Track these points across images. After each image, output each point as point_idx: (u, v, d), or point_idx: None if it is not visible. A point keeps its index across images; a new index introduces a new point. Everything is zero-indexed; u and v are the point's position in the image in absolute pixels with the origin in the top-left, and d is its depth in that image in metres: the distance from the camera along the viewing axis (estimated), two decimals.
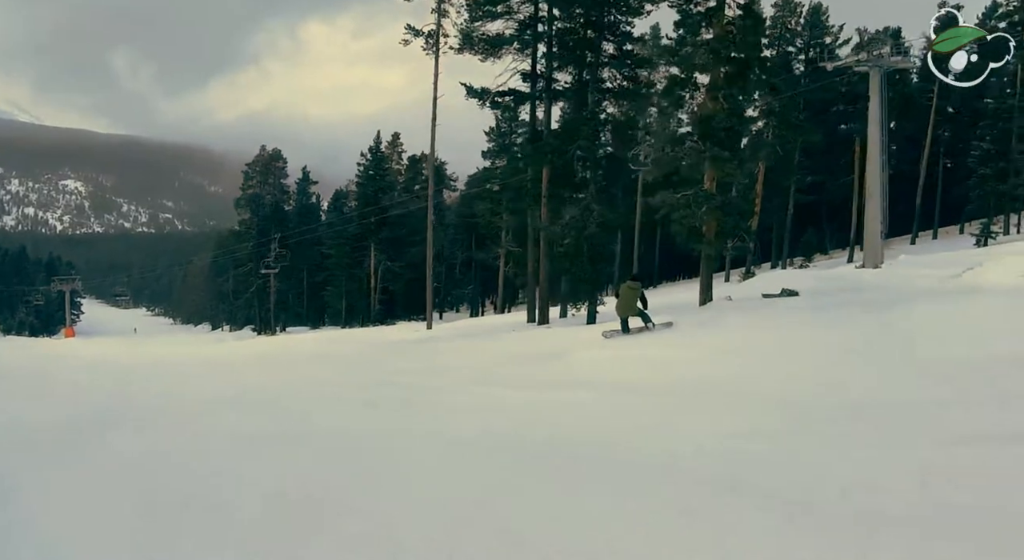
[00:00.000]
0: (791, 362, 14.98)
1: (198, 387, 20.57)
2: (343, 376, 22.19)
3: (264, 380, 22.21)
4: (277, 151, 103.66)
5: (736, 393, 12.67)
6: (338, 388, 18.06)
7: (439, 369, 21.92)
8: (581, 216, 36.50)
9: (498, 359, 22.58)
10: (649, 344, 19.53)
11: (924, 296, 20.61)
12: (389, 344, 41.61)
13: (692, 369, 15.31)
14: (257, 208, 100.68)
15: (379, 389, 17.13)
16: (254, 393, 17.83)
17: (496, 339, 32.94)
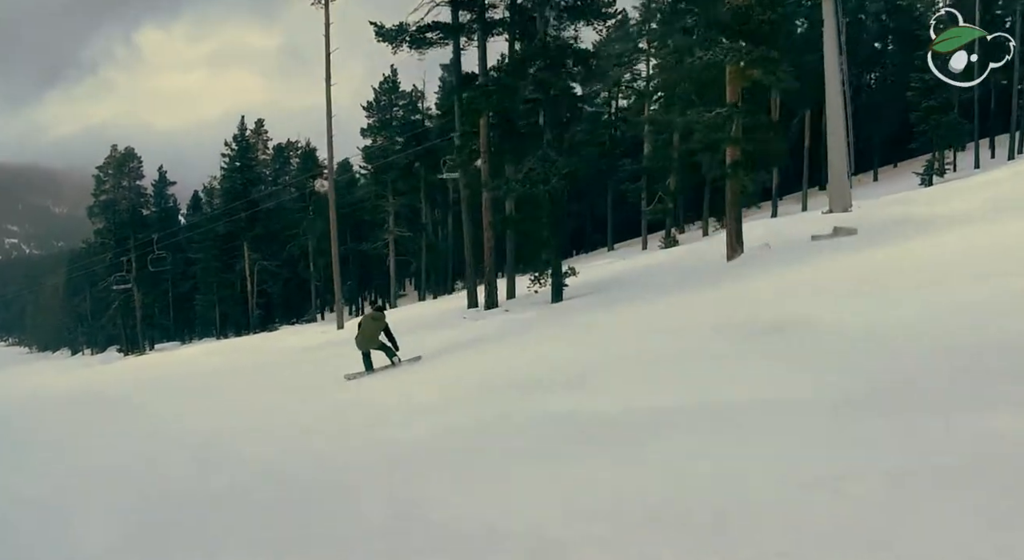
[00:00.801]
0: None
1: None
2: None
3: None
4: (130, 150, 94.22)
5: None
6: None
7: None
8: (542, 168, 29.88)
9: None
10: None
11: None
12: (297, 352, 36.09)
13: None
14: (113, 214, 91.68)
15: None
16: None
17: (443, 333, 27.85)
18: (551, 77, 31.11)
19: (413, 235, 75.75)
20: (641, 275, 33.89)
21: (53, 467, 12.83)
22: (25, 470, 13.14)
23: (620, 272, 37.62)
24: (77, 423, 19.42)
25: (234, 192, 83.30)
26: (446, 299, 62.13)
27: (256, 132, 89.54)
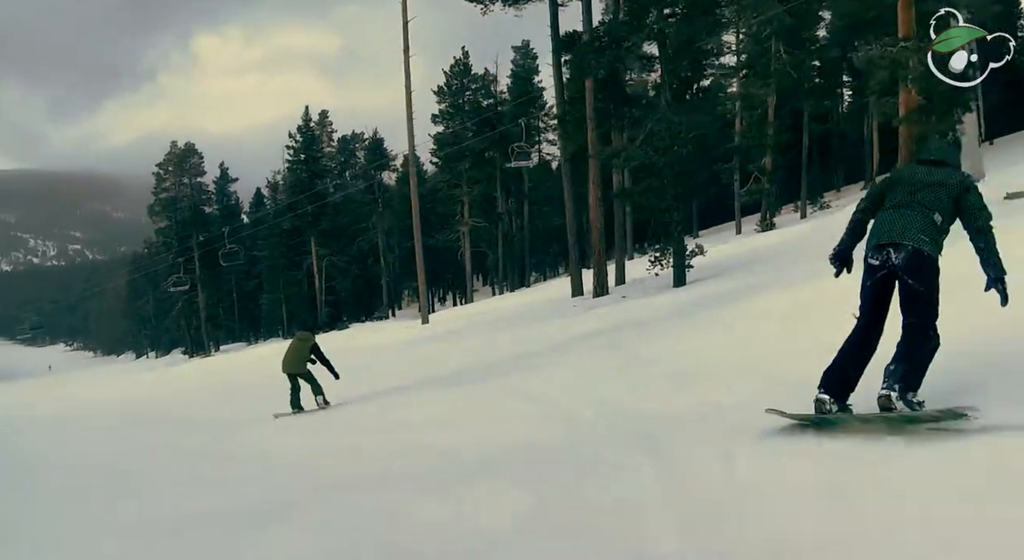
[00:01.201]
0: None
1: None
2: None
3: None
4: (191, 145, 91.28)
5: None
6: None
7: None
8: (666, 131, 26.13)
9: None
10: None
11: None
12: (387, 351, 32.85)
13: None
14: (174, 212, 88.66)
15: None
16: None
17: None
18: (672, 26, 27.22)
19: (489, 225, 72.28)
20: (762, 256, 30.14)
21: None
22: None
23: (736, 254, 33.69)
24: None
25: (299, 185, 79.73)
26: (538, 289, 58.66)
27: (320, 124, 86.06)
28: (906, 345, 6.84)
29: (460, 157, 69.80)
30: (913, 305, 6.86)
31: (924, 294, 6.81)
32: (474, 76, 74.75)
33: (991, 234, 6.84)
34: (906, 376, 6.68)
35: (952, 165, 7.37)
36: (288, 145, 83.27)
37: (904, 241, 6.81)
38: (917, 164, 7.51)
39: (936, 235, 6.91)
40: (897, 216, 6.99)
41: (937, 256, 6.86)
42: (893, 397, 6.59)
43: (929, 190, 6.99)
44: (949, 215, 6.97)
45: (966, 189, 6.96)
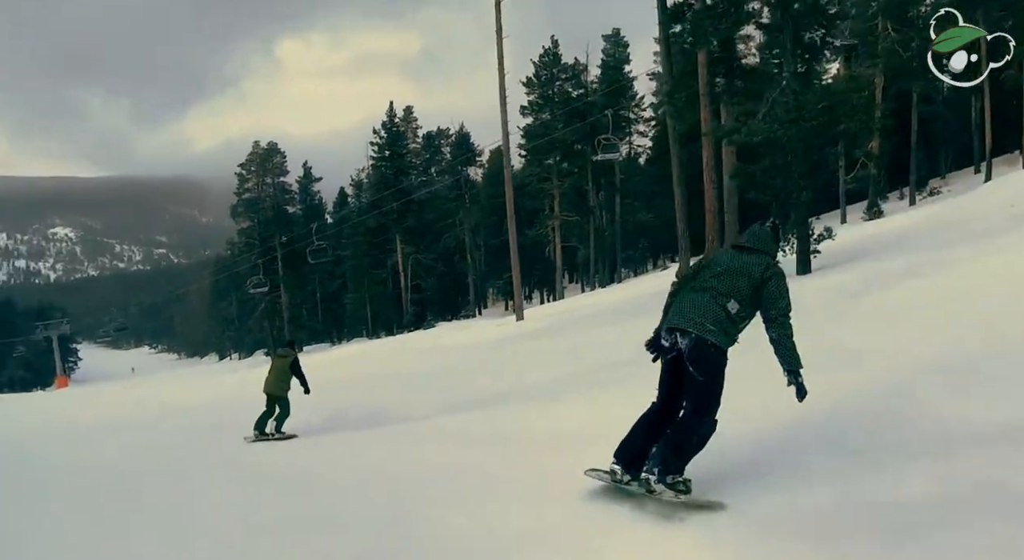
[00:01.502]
0: None
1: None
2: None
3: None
4: (273, 145, 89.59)
5: None
6: None
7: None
8: (793, 102, 23.89)
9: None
10: None
11: None
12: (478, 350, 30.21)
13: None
14: (257, 213, 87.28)
15: None
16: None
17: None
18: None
19: (580, 219, 69.95)
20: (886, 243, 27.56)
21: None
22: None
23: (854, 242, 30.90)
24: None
25: (384, 182, 78.00)
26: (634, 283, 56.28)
27: (405, 120, 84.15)
28: (675, 430, 6.90)
29: (550, 150, 67.68)
30: (691, 392, 6.87)
31: (702, 383, 6.76)
32: (564, 66, 72.44)
33: (785, 326, 6.84)
34: (666, 460, 6.73)
35: (763, 252, 7.22)
36: (372, 142, 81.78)
37: (689, 328, 6.79)
38: (731, 248, 7.46)
39: (727, 324, 6.86)
40: (691, 300, 6.97)
41: (725, 345, 6.81)
42: (652, 481, 6.72)
43: (729, 276, 6.94)
44: (749, 303, 6.91)
45: (768, 278, 6.87)
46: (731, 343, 6.88)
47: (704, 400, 6.77)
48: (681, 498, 6.67)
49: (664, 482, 6.64)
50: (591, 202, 71.83)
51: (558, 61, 71.99)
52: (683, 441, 6.83)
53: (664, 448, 6.79)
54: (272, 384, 17.08)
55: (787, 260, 27.68)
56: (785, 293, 6.90)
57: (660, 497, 6.69)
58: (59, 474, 14.01)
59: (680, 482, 6.70)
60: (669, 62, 34.10)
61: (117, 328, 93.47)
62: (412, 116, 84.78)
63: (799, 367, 6.76)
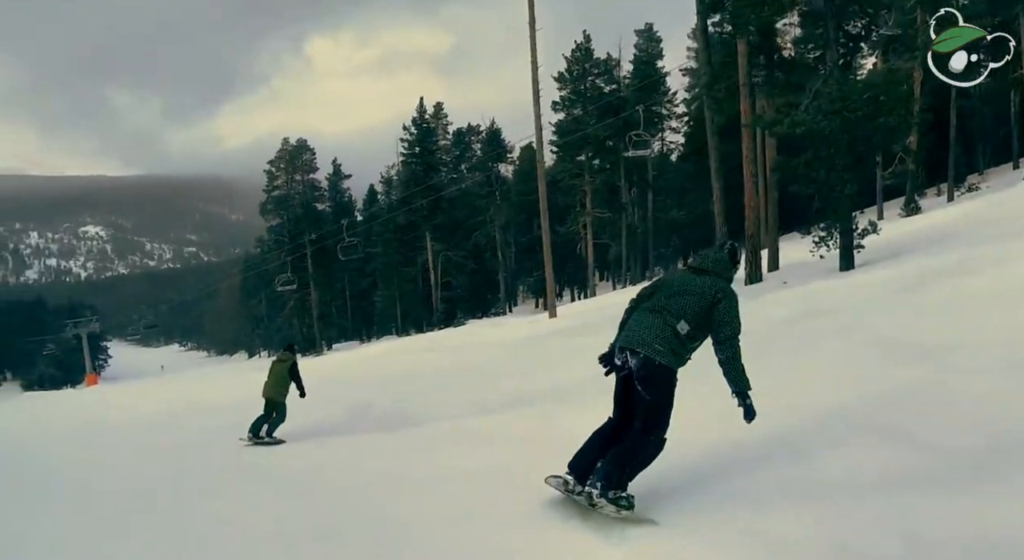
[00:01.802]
0: None
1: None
2: None
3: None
4: (303, 141, 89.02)
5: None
6: None
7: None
8: (838, 92, 23.40)
9: None
10: None
11: None
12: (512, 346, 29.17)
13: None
14: (286, 210, 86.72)
15: None
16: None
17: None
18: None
19: (612, 216, 69.18)
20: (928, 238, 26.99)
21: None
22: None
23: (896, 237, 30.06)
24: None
25: (414, 178, 77.44)
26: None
27: (435, 116, 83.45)
28: (621, 446, 6.94)
29: (582, 146, 66.84)
30: (640, 411, 6.93)
31: (650, 403, 6.85)
32: (596, 61, 71.52)
33: (734, 348, 6.85)
34: (609, 475, 6.75)
35: (717, 274, 7.28)
36: (402, 138, 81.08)
37: (638, 348, 6.84)
38: (687, 269, 7.49)
39: (677, 345, 6.91)
40: (642, 320, 7.05)
41: (674, 365, 6.88)
42: (594, 494, 6.76)
43: (681, 298, 7.02)
44: (700, 325, 6.96)
45: (719, 300, 6.93)
46: (681, 364, 6.98)
47: (652, 419, 6.89)
48: (622, 514, 6.72)
49: (606, 497, 6.69)
50: (623, 199, 71.05)
51: (590, 56, 71.07)
52: (629, 458, 6.90)
53: (609, 463, 6.84)
54: (271, 389, 16.94)
55: (830, 255, 27.04)
56: (735, 316, 6.96)
57: (601, 511, 6.75)
58: (63, 474, 14.29)
59: (623, 498, 6.74)
60: (707, 53, 33.46)
61: (147, 326, 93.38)
62: (442, 112, 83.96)
63: (747, 389, 6.80)
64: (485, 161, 79.29)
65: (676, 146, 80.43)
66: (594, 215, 67.04)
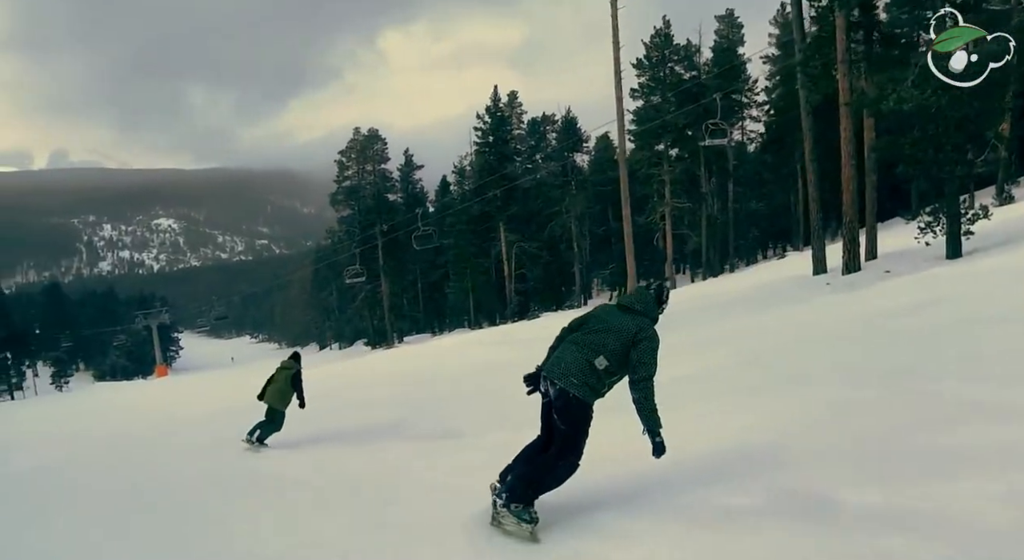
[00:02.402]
0: None
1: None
2: None
3: None
4: (374, 131, 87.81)
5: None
6: None
7: None
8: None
9: None
10: None
11: None
12: None
13: None
14: (357, 201, 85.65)
15: None
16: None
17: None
18: None
19: (692, 206, 67.31)
20: None
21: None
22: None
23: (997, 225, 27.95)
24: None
25: (488, 169, 75.96)
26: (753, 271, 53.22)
27: (509, 105, 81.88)
28: (535, 464, 7.15)
29: (660, 133, 64.91)
30: (556, 436, 7.05)
31: (563, 431, 6.98)
32: (675, 47, 69.46)
33: (647, 390, 6.91)
34: (514, 489, 6.99)
35: (642, 313, 7.30)
36: (476, 127, 79.61)
37: (556, 379, 6.97)
38: (615, 306, 7.51)
39: (593, 379, 6.98)
40: (565, 352, 7.16)
41: (589, 399, 6.97)
42: (498, 505, 7.06)
43: (603, 334, 7.10)
44: (618, 362, 7.00)
45: (640, 341, 6.98)
46: (596, 397, 7.03)
47: (565, 446, 6.99)
48: (522, 527, 6.89)
49: (508, 508, 6.93)
50: (703, 188, 69.07)
51: (670, 42, 68.96)
52: (538, 476, 7.06)
53: (516, 478, 7.08)
54: (273, 396, 16.36)
55: (935, 243, 25.23)
56: (652, 359, 6.98)
57: (501, 520, 6.99)
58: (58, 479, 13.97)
59: (525, 512, 6.92)
60: (801, 28, 31.60)
61: (217, 317, 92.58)
62: (516, 101, 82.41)
63: (658, 427, 6.90)
64: (560, 150, 77.64)
65: (756, 135, 78.35)
66: (673, 205, 65.13)
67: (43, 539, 9.08)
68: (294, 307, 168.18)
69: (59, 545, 8.75)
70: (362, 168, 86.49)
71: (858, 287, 23.99)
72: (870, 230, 30.85)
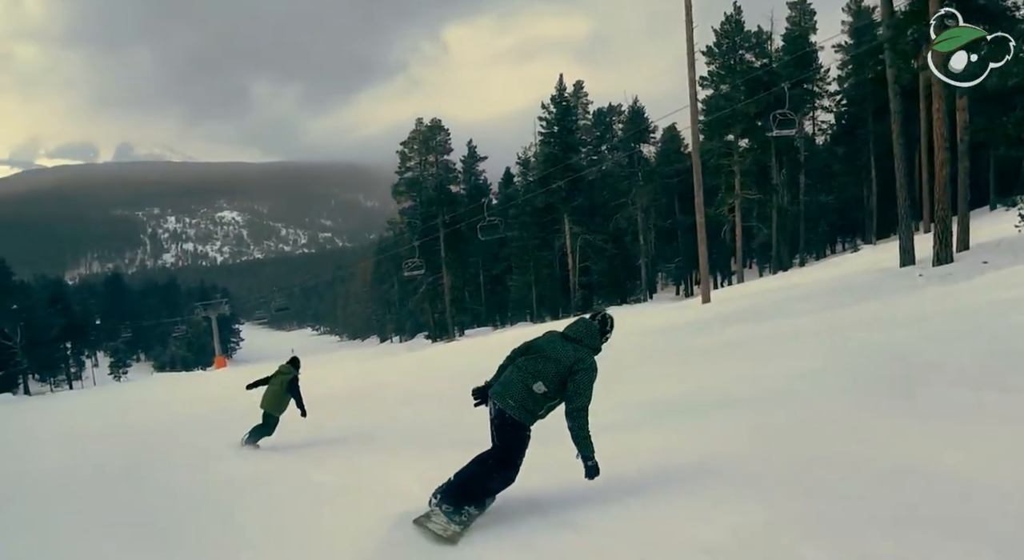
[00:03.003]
0: None
1: None
2: None
3: None
4: (437, 121, 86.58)
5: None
6: None
7: None
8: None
9: None
10: None
11: None
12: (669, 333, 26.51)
13: None
14: (419, 192, 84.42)
15: None
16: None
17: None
18: None
19: (763, 198, 65.38)
20: None
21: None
22: None
23: None
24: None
25: (553, 158, 74.34)
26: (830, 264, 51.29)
27: (575, 95, 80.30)
28: (474, 472, 7.40)
29: (730, 123, 63.05)
30: (495, 451, 7.41)
31: (500, 448, 7.38)
32: (746, 34, 67.60)
33: (581, 419, 7.17)
34: (448, 492, 7.31)
35: (583, 343, 7.53)
36: (541, 117, 78.18)
37: (498, 401, 7.34)
38: (559, 334, 7.69)
39: (530, 403, 7.29)
40: (511, 374, 7.49)
41: (525, 421, 7.30)
42: (433, 503, 7.40)
43: (544, 361, 7.39)
44: (556, 388, 7.29)
45: (576, 372, 7.25)
46: (533, 419, 7.32)
47: (501, 461, 7.31)
48: (450, 528, 7.16)
49: (441, 508, 7.22)
50: (774, 180, 67.07)
51: (741, 29, 67.30)
52: (473, 485, 7.31)
53: (453, 481, 7.34)
54: (270, 402, 16.06)
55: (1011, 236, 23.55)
56: (587, 390, 7.19)
57: (432, 518, 7.25)
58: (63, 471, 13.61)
59: (456, 513, 7.19)
60: (890, 3, 29.79)
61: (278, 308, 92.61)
62: (582, 91, 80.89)
63: (591, 453, 7.14)
64: (627, 141, 76.02)
65: (828, 125, 76.33)
66: (743, 196, 63.31)
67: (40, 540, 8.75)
68: (356, 300, 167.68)
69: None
70: (424, 159, 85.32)
71: (956, 279, 22.30)
72: (963, 218, 29.01)
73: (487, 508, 7.34)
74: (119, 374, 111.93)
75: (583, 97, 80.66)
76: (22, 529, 9.15)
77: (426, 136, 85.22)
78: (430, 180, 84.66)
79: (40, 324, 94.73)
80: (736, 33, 66.90)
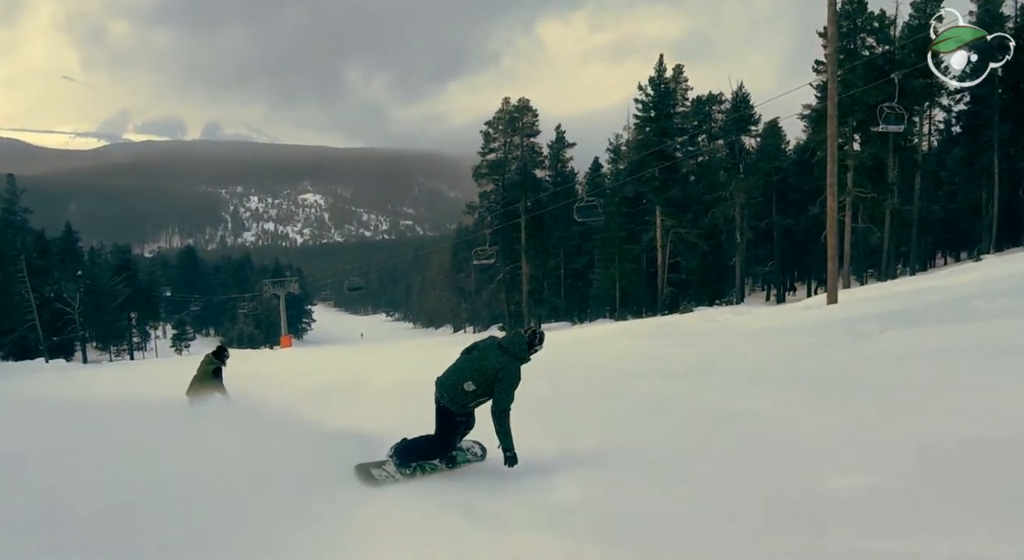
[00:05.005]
0: None
1: None
2: None
3: None
4: (525, 101, 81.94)
5: None
6: None
7: None
8: None
9: None
10: None
11: None
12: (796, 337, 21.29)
13: None
14: (502, 175, 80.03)
15: None
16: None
17: None
18: None
19: (877, 197, 59.79)
20: None
21: None
22: None
23: None
24: None
25: (648, 145, 69.50)
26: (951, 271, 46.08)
27: (675, 79, 75.19)
28: (419, 440, 9.36)
29: (847, 112, 57.58)
30: (435, 429, 9.27)
31: (437, 428, 9.23)
32: (869, 15, 61.98)
33: (502, 419, 8.81)
34: (401, 452, 9.26)
35: (510, 353, 9.07)
36: (637, 99, 73.48)
37: (437, 391, 9.15)
38: (495, 342, 9.32)
39: (461, 397, 9.03)
40: (451, 368, 9.28)
41: (456, 411, 9.08)
42: (388, 454, 9.38)
43: (476, 363, 9.05)
44: (485, 387, 8.95)
45: (499, 378, 8.87)
46: (462, 411, 9.15)
47: (437, 438, 9.26)
48: (396, 474, 9.17)
49: (393, 461, 9.24)
50: (889, 178, 61.32)
51: (864, 9, 61.72)
52: (417, 450, 9.29)
53: (407, 443, 9.29)
54: (192, 389, 16.58)
55: None
56: (508, 395, 8.85)
57: (383, 466, 9.27)
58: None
59: (404, 465, 9.22)
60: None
61: (351, 287, 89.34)
62: (682, 76, 75.60)
63: (511, 445, 8.81)
64: (728, 128, 70.92)
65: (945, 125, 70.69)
66: (855, 194, 57.85)
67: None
68: (431, 288, 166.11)
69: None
70: (509, 140, 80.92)
71: None
72: None
73: (441, 470, 9.30)
74: (180, 347, 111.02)
75: (683, 82, 75.52)
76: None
77: (513, 116, 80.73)
78: (514, 163, 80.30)
79: (104, 292, 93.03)
80: (858, 14, 61.36)
